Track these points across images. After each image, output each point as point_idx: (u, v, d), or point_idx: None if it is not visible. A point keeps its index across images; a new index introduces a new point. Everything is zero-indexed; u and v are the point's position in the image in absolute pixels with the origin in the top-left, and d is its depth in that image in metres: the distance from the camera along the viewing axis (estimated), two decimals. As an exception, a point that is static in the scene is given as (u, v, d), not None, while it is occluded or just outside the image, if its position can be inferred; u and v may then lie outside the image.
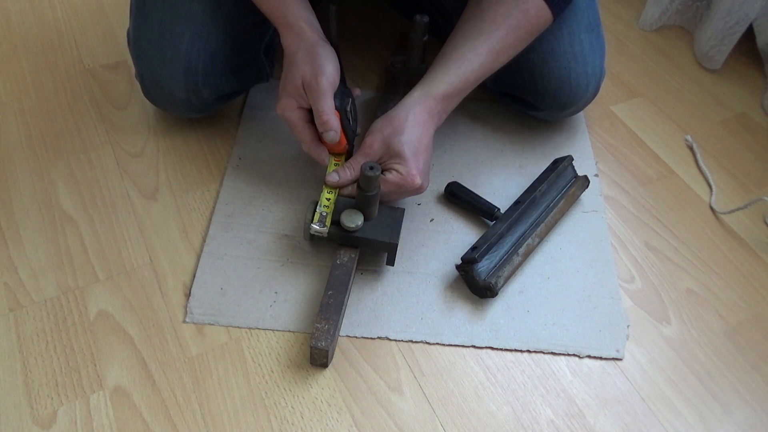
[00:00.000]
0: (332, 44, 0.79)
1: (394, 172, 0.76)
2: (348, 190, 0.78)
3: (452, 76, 0.78)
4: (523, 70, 0.87)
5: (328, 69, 0.75)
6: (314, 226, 0.75)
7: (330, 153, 0.80)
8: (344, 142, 0.78)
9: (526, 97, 0.92)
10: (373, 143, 0.77)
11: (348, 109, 0.79)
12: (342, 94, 0.78)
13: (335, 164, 0.79)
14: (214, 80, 0.85)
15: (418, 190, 0.77)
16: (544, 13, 0.79)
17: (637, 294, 0.81)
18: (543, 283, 0.81)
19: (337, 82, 0.76)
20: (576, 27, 0.86)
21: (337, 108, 0.75)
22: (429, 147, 0.78)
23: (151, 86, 0.86)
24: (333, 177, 0.78)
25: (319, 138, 0.78)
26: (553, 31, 0.85)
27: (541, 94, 0.89)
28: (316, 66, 0.74)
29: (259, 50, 0.88)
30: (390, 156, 0.76)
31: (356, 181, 0.77)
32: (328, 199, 0.77)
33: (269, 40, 0.89)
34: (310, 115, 0.77)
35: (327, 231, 0.75)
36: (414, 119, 0.76)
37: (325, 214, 0.75)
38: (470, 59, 0.78)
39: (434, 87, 0.78)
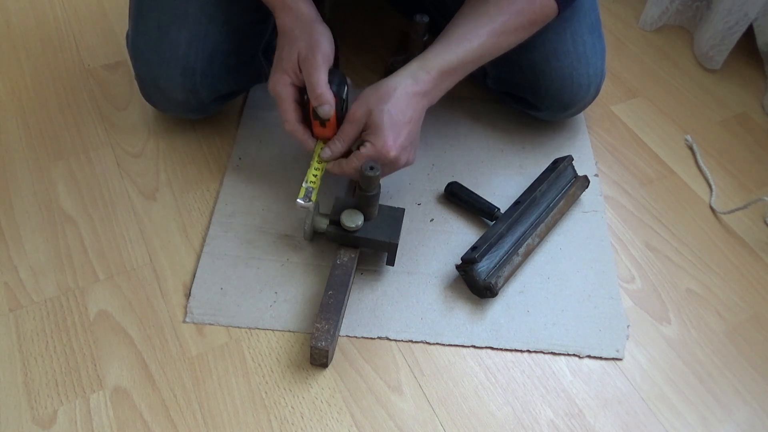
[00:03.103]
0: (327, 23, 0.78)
1: (368, 145, 0.74)
2: (337, 168, 0.77)
3: (450, 53, 0.77)
4: (526, 69, 0.88)
5: (324, 45, 0.74)
6: (299, 201, 0.74)
7: (318, 138, 0.78)
8: (335, 126, 0.77)
9: (527, 97, 0.92)
10: (356, 111, 0.75)
11: (344, 97, 0.77)
12: (340, 81, 0.76)
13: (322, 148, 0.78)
14: (213, 81, 0.85)
15: (394, 163, 0.76)
16: (550, 4, 0.78)
17: (637, 294, 0.81)
18: (543, 283, 0.81)
19: (332, 59, 0.75)
20: (579, 28, 0.86)
21: (334, 93, 0.74)
22: (414, 120, 0.76)
23: (150, 88, 0.86)
24: (326, 152, 0.76)
25: (304, 120, 0.77)
26: (556, 31, 0.85)
27: (543, 94, 0.89)
28: (313, 41, 0.74)
29: (257, 51, 0.88)
30: (368, 126, 0.75)
31: (347, 153, 0.76)
32: (315, 175, 0.76)
33: (267, 41, 0.89)
34: (300, 97, 0.76)
35: (313, 206, 0.74)
36: (403, 91, 0.75)
37: (311, 189, 0.75)
38: (470, 39, 0.77)
39: (430, 62, 0.77)
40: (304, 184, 0.75)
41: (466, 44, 0.77)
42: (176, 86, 0.83)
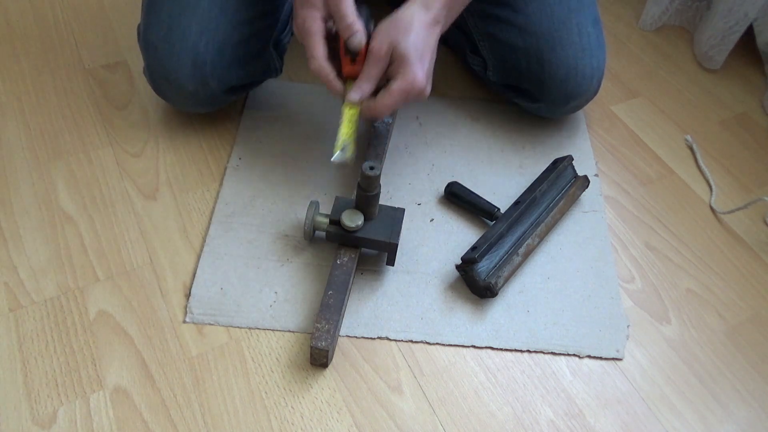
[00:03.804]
0: None
1: (398, 79, 0.73)
2: (368, 110, 0.75)
3: None
4: (531, 58, 0.88)
5: None
6: (336, 156, 0.72)
7: (348, 77, 0.76)
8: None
9: (530, 88, 0.92)
10: (381, 48, 0.73)
11: (372, 32, 0.76)
12: (367, 15, 0.75)
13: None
14: (223, 72, 0.85)
15: (422, 94, 0.75)
16: None
17: (637, 294, 0.81)
18: (543, 283, 0.81)
19: None
20: (584, 20, 0.87)
21: (363, 27, 0.73)
22: (433, 50, 0.76)
23: (160, 79, 0.86)
24: (354, 95, 0.74)
25: (332, 59, 0.76)
26: (563, 21, 0.86)
27: (547, 83, 0.89)
28: None
29: (267, 43, 0.88)
30: (394, 59, 0.74)
31: (374, 93, 0.75)
32: (349, 127, 0.74)
33: (278, 35, 0.89)
34: (329, 34, 0.75)
35: (352, 159, 0.72)
36: (419, 21, 0.74)
37: (346, 142, 0.73)
38: None
39: None
40: (338, 138, 0.73)
41: None
42: (186, 77, 0.83)
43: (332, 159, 0.73)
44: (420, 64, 0.74)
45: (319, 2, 0.74)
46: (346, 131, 0.75)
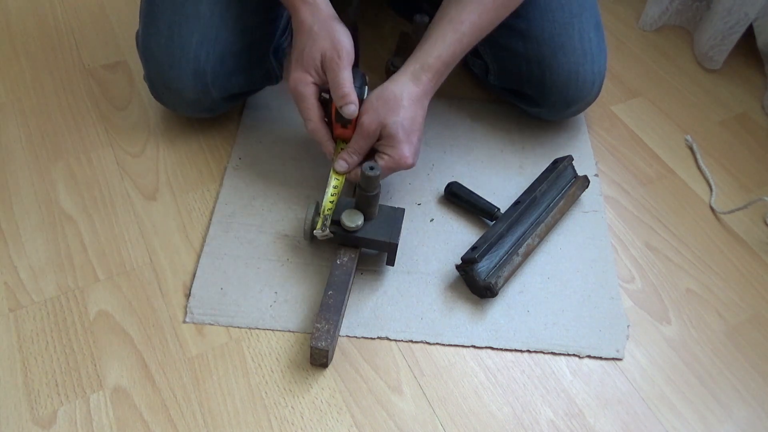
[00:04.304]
0: (350, 25, 0.78)
1: (386, 157, 0.76)
2: (355, 177, 0.78)
3: (446, 45, 0.78)
4: (533, 63, 0.88)
5: (347, 44, 0.75)
6: (317, 232, 0.75)
7: (338, 139, 0.79)
8: (355, 128, 0.78)
9: (531, 93, 0.92)
10: (370, 125, 0.76)
11: (365, 97, 0.78)
12: (361, 81, 0.77)
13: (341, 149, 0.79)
14: (224, 81, 0.85)
15: (407, 168, 0.79)
16: None
17: (637, 294, 0.81)
18: (543, 283, 0.81)
19: (353, 59, 0.76)
20: (586, 25, 0.87)
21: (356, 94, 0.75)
22: (421, 123, 0.79)
23: (161, 88, 0.86)
24: (341, 165, 0.78)
25: (324, 119, 0.78)
26: (564, 27, 0.86)
27: (548, 89, 0.89)
28: (335, 41, 0.74)
29: (268, 51, 0.88)
30: (383, 137, 0.77)
31: (361, 163, 0.77)
32: (332, 202, 0.77)
33: (277, 42, 0.89)
34: (320, 96, 0.77)
35: (329, 233, 0.75)
36: (408, 97, 0.76)
37: (328, 217, 0.75)
38: (462, 21, 0.78)
39: (429, 60, 0.78)
40: (320, 215, 0.76)
41: (459, 29, 0.78)
42: (188, 87, 0.83)
43: (315, 233, 0.75)
44: (408, 143, 0.76)
45: (312, 67, 0.75)
46: (329, 203, 0.77)
